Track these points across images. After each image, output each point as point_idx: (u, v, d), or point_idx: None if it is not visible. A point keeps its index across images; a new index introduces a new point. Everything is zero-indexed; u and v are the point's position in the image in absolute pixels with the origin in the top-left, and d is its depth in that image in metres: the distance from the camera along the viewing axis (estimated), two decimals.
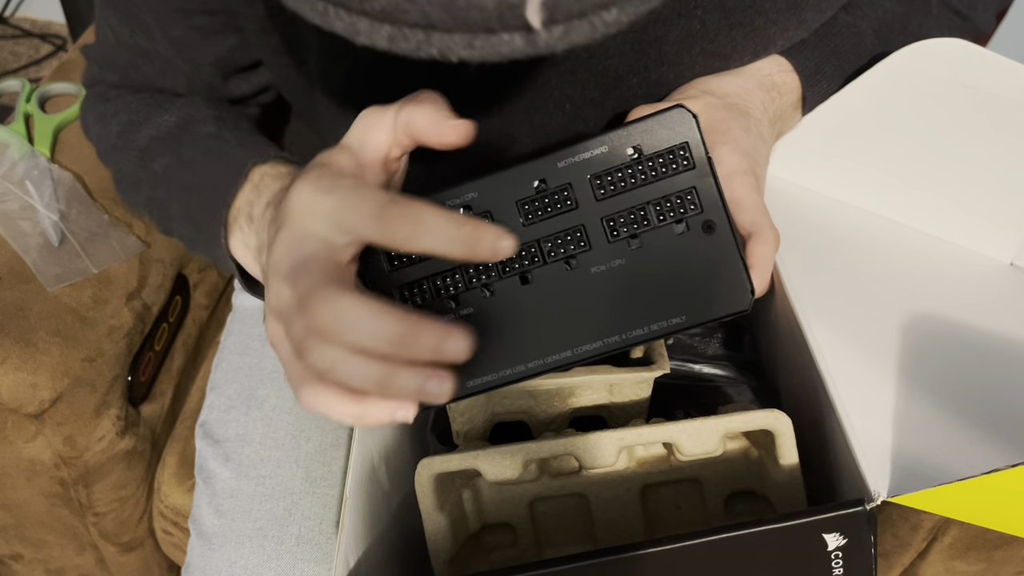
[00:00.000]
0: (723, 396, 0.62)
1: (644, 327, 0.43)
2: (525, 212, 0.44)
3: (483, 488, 0.53)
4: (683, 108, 0.43)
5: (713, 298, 0.43)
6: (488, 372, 0.44)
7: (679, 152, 0.43)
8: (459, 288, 0.44)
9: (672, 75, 0.57)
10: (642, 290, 0.43)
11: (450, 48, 0.31)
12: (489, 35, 0.31)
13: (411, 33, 0.31)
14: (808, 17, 0.57)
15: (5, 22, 1.83)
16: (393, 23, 0.31)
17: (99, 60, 0.65)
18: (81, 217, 0.79)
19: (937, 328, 0.56)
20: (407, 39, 0.31)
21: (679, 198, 0.43)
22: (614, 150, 0.43)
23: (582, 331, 0.44)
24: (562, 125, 0.58)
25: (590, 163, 0.43)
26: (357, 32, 0.32)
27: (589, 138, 0.43)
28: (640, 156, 0.43)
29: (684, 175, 0.43)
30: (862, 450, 0.46)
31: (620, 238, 0.43)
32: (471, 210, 0.44)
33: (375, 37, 0.32)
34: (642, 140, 0.43)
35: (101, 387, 0.75)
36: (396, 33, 0.31)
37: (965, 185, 0.63)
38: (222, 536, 0.62)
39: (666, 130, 0.43)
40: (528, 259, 0.44)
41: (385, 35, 0.31)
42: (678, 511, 0.54)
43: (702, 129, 0.43)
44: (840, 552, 0.45)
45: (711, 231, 0.43)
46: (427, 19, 0.30)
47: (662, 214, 0.43)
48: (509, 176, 0.44)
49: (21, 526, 0.82)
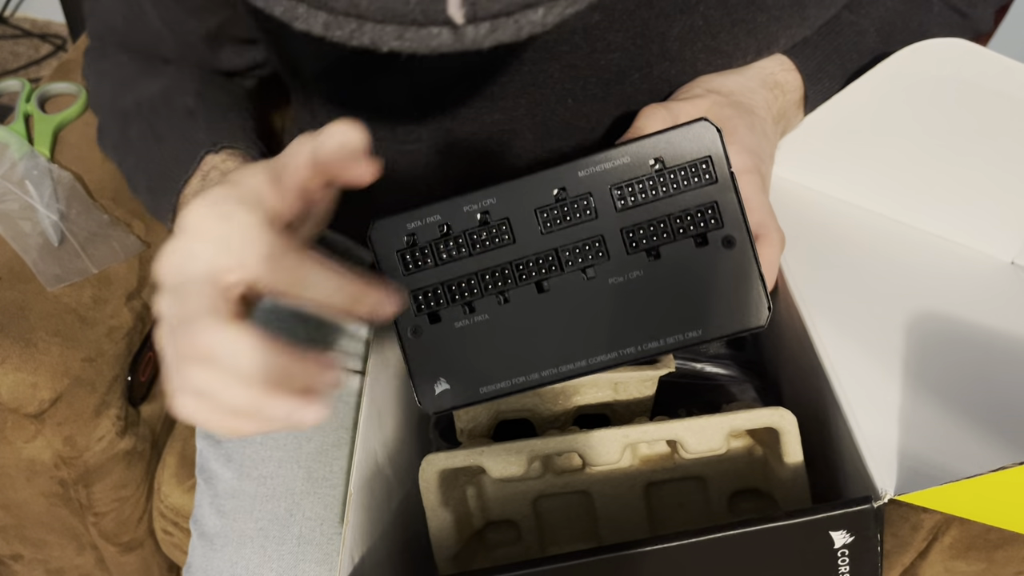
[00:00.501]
0: (727, 394, 0.62)
1: (660, 340, 0.43)
2: (544, 220, 0.43)
3: (487, 485, 0.53)
4: (708, 122, 0.43)
5: (730, 313, 0.43)
6: (501, 379, 0.44)
7: (701, 166, 0.43)
8: (474, 295, 0.44)
9: (675, 71, 0.57)
10: (659, 303, 0.43)
11: (381, 38, 0.32)
12: (418, 28, 0.32)
13: (344, 21, 0.32)
14: (811, 14, 0.57)
15: (5, 22, 1.83)
16: (329, 11, 0.32)
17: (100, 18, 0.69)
18: (81, 217, 0.78)
19: (940, 326, 0.56)
20: (340, 27, 0.32)
21: (700, 212, 0.43)
22: (636, 161, 0.43)
23: (597, 342, 0.43)
24: (564, 120, 0.58)
25: (611, 173, 0.43)
26: (295, 17, 0.33)
27: (612, 148, 0.43)
28: (662, 168, 0.43)
29: (706, 189, 0.43)
30: (868, 448, 0.46)
31: (639, 250, 0.43)
32: (489, 216, 0.43)
33: (311, 23, 0.33)
34: (664, 152, 0.43)
35: (101, 387, 0.75)
36: (331, 20, 0.32)
37: (967, 184, 0.63)
38: (223, 536, 0.62)
39: (689, 143, 0.43)
40: (545, 267, 0.44)
41: (321, 22, 0.32)
42: (682, 509, 0.54)
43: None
44: (847, 550, 0.45)
45: (731, 246, 0.43)
46: (356, 8, 0.32)
47: (682, 227, 0.43)
48: (528, 183, 0.43)
49: (21, 526, 0.82)
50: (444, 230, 0.44)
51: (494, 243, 0.43)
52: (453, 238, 0.44)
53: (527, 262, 0.43)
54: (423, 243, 0.44)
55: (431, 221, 0.44)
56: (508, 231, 0.43)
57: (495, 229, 0.43)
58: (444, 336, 0.44)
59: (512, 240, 0.43)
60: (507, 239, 0.43)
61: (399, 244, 0.44)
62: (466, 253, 0.44)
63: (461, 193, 0.44)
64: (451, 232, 0.44)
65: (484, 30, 0.32)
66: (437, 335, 0.44)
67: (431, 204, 0.44)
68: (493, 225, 0.43)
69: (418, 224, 0.44)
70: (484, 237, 0.43)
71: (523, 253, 0.43)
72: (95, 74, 0.71)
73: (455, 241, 0.44)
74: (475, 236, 0.43)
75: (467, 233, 0.43)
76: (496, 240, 0.43)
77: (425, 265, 0.44)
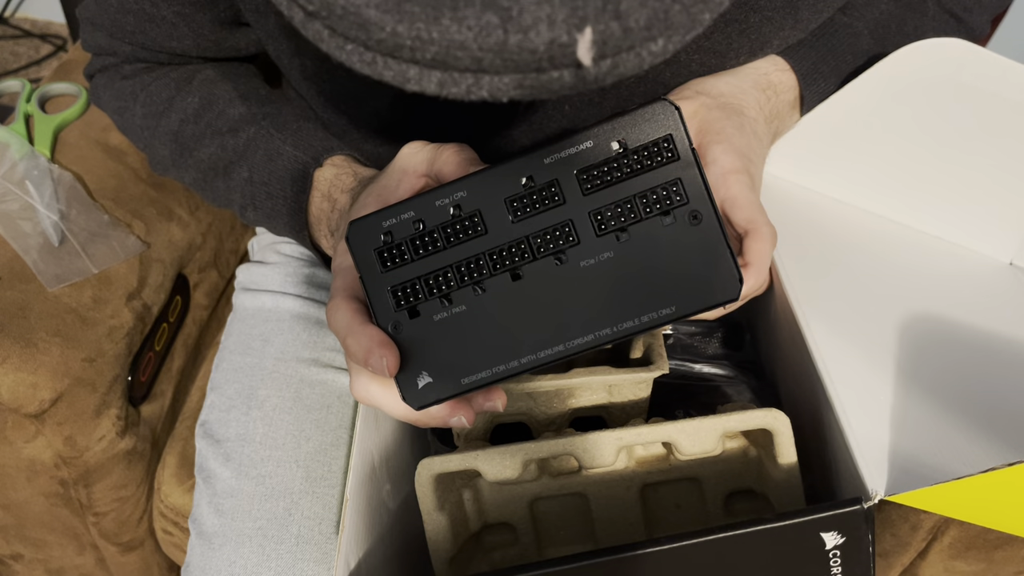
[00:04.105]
0: (722, 395, 0.62)
1: (635, 319, 0.44)
2: (514, 209, 0.44)
3: (483, 488, 0.53)
4: (666, 101, 0.43)
5: (702, 288, 0.43)
6: (482, 369, 0.44)
7: (663, 144, 0.43)
8: (451, 287, 0.44)
9: (669, 73, 0.57)
10: (632, 282, 0.43)
11: (500, 89, 0.32)
12: (539, 74, 0.31)
13: (461, 78, 0.31)
14: (804, 16, 0.57)
15: (5, 22, 1.83)
16: (444, 69, 0.31)
17: (107, 27, 0.67)
18: (81, 217, 0.79)
19: (936, 327, 0.56)
20: (457, 84, 0.31)
21: (665, 190, 0.43)
22: (599, 145, 0.43)
23: (573, 325, 0.44)
24: (560, 125, 0.58)
25: (576, 158, 0.43)
26: (407, 80, 0.32)
27: (575, 133, 0.44)
28: (625, 150, 0.43)
29: (669, 167, 0.43)
30: (860, 449, 0.46)
31: (608, 231, 0.43)
32: (461, 209, 0.44)
33: (425, 84, 0.32)
34: (626, 134, 0.43)
35: (101, 387, 0.75)
36: (447, 79, 0.31)
37: (964, 184, 0.63)
38: (222, 536, 0.62)
39: (650, 123, 0.43)
40: (518, 255, 0.44)
41: (435, 81, 0.31)
42: (678, 510, 0.54)
43: (696, 129, 0.43)
44: (838, 551, 0.45)
45: (698, 221, 0.43)
46: (478, 64, 0.30)
47: (648, 206, 0.43)
48: (497, 173, 0.44)
49: (21, 526, 0.82)
50: (419, 227, 0.44)
51: (467, 235, 0.44)
52: (428, 233, 0.44)
53: (500, 251, 0.44)
54: (399, 240, 0.44)
55: (405, 218, 0.44)
56: (480, 222, 0.44)
57: (467, 221, 0.44)
58: (423, 330, 0.44)
59: (484, 231, 0.44)
60: (480, 230, 0.44)
61: (376, 243, 0.44)
62: (441, 247, 0.44)
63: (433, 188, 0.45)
64: (425, 227, 0.44)
65: (606, 67, 0.31)
66: (417, 330, 0.44)
67: (405, 201, 0.44)
68: (465, 218, 0.44)
69: (393, 222, 0.44)
70: (458, 230, 0.44)
71: (496, 243, 0.44)
72: (116, 96, 0.70)
73: (430, 236, 0.44)
74: (449, 230, 0.44)
75: (441, 227, 0.44)
76: (469, 232, 0.44)
77: (402, 262, 0.44)
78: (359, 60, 0.32)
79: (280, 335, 0.71)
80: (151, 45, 0.67)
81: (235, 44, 0.67)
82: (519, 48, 0.30)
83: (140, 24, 0.65)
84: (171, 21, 0.63)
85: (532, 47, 0.30)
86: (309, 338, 0.71)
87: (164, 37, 0.65)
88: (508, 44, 0.29)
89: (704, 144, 0.51)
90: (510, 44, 0.29)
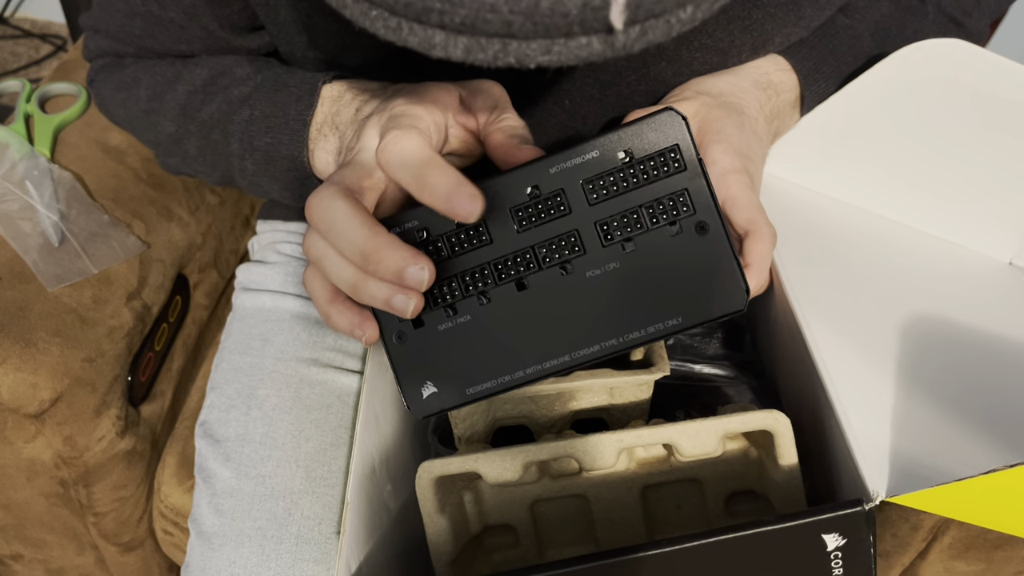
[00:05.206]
0: (723, 396, 0.62)
1: (641, 329, 0.44)
2: (519, 219, 0.44)
3: (484, 490, 0.53)
4: (673, 111, 0.43)
5: (709, 299, 0.43)
6: (487, 379, 0.44)
7: (670, 155, 0.43)
8: (456, 296, 0.44)
9: (671, 71, 0.57)
10: (638, 293, 0.43)
11: (527, 55, 0.31)
12: (568, 39, 0.31)
13: (488, 43, 0.31)
14: (806, 14, 0.57)
15: (5, 22, 1.83)
16: (472, 34, 0.31)
17: (112, 33, 0.66)
18: (81, 217, 0.79)
19: (936, 328, 0.56)
20: (484, 50, 0.31)
21: (671, 200, 0.43)
22: (605, 154, 0.43)
23: (579, 335, 0.44)
24: (561, 121, 0.58)
25: (582, 168, 0.43)
26: (432, 46, 0.31)
27: (581, 142, 0.43)
28: (631, 160, 0.43)
29: (675, 177, 0.43)
30: (860, 450, 0.46)
31: (614, 242, 0.43)
32: None
33: (451, 50, 0.31)
34: (633, 144, 0.43)
35: (101, 387, 0.75)
36: (473, 44, 0.31)
37: (964, 184, 0.63)
38: (222, 536, 0.62)
39: (656, 133, 0.43)
40: (524, 265, 0.44)
41: (462, 47, 0.31)
42: (679, 511, 0.54)
43: (696, 129, 0.43)
44: (839, 552, 0.45)
45: (704, 232, 0.43)
46: (508, 28, 0.30)
47: (655, 216, 0.43)
48: (503, 183, 0.44)
49: (21, 526, 0.82)
50: (423, 235, 0.44)
51: (472, 244, 0.44)
52: (432, 242, 0.44)
53: (505, 261, 0.44)
54: None
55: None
56: (485, 232, 0.44)
57: (472, 230, 0.44)
58: (428, 340, 0.44)
59: (489, 240, 0.44)
60: (485, 239, 0.44)
61: None
62: (446, 256, 0.44)
63: None
64: (430, 236, 0.44)
65: (635, 33, 0.31)
66: (421, 339, 0.44)
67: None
68: (470, 227, 0.44)
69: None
70: (462, 239, 0.44)
71: (501, 252, 0.44)
72: (118, 87, 0.69)
73: (434, 245, 0.44)
74: (453, 239, 0.44)
75: (445, 236, 0.44)
76: (474, 241, 0.44)
77: None
78: (383, 26, 0.32)
79: (280, 335, 0.71)
80: (158, 49, 0.66)
81: (245, 45, 0.65)
82: (551, 11, 0.29)
83: (148, 27, 0.64)
84: (180, 23, 0.62)
85: (564, 10, 0.29)
86: (309, 338, 0.71)
87: (172, 40, 0.64)
88: (540, 6, 0.29)
89: (704, 143, 0.51)
90: (542, 6, 0.29)
